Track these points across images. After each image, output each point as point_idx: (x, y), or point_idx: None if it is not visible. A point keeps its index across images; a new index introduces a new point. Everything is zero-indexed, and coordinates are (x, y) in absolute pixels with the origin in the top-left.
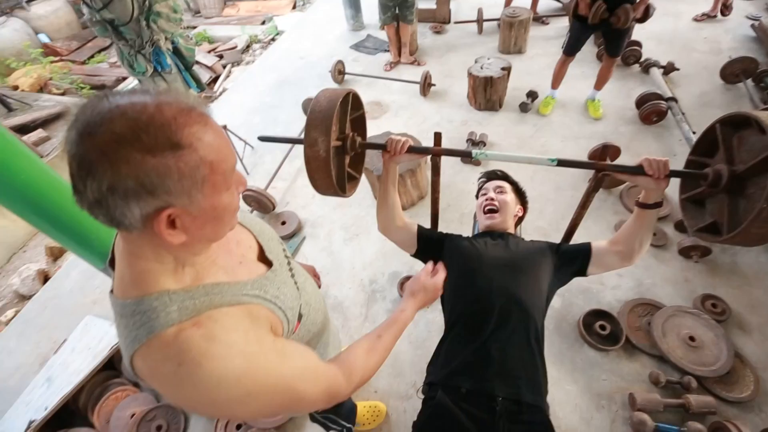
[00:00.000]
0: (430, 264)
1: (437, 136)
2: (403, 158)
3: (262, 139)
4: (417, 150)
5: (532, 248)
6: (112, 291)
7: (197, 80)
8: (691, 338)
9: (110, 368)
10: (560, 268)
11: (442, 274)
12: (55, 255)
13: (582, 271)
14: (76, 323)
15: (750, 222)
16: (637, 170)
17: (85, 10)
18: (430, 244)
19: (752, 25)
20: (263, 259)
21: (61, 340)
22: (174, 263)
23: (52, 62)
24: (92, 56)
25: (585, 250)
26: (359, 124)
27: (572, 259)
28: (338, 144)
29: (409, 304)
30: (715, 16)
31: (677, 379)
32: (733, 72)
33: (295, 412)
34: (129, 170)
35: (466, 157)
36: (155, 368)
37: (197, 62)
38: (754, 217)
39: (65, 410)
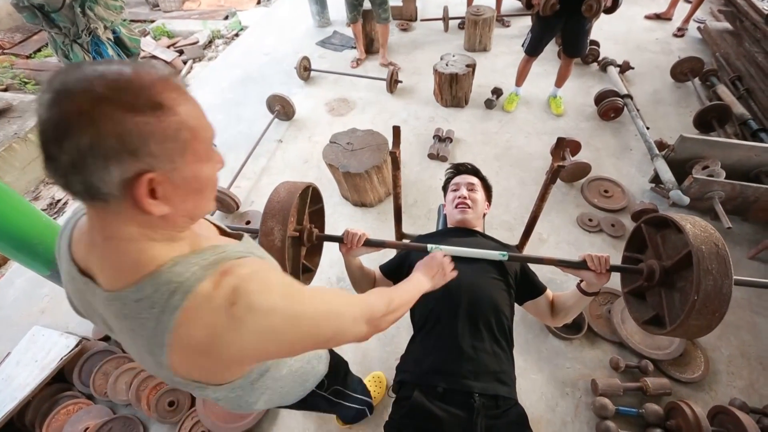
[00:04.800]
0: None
1: (396, 130)
2: (360, 251)
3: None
4: (374, 243)
5: (499, 247)
6: (106, 290)
7: None
8: None
9: (60, 380)
10: (516, 283)
11: (450, 265)
12: None
13: (520, 301)
14: (22, 335)
15: (686, 315)
16: (581, 265)
17: None
18: (399, 271)
19: (698, 28)
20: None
21: (4, 354)
22: (164, 239)
23: None
24: (39, 50)
25: (537, 291)
26: (318, 217)
27: (525, 286)
28: (295, 235)
29: (421, 274)
30: (669, 19)
31: (635, 364)
32: (682, 71)
33: (343, 335)
34: (111, 128)
35: (420, 251)
36: (205, 325)
37: (155, 57)
38: (689, 309)
39: (10, 428)
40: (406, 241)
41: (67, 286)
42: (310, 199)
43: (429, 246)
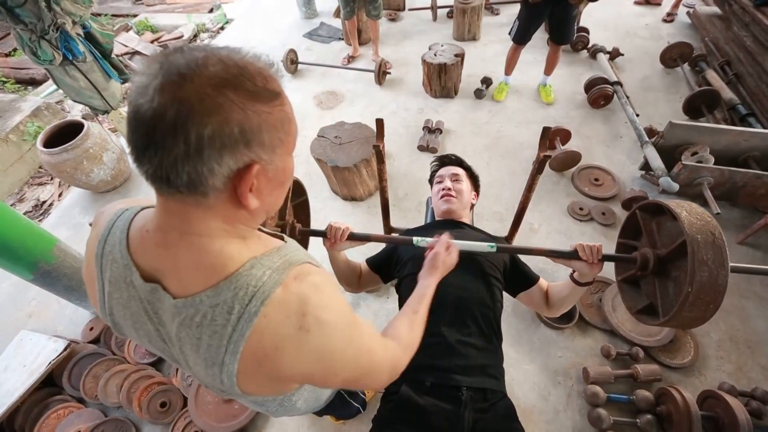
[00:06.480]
0: (445, 236)
1: (379, 123)
2: (344, 245)
3: None
4: (358, 237)
5: (487, 239)
6: (177, 297)
7: (119, 69)
8: None
9: (50, 385)
10: (506, 277)
11: (455, 251)
12: None
13: (512, 293)
14: (9, 340)
15: (680, 306)
16: (572, 255)
17: None
18: (387, 266)
19: (688, 13)
20: None
21: None
22: (238, 237)
23: None
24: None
25: (529, 282)
26: (302, 210)
27: (517, 278)
28: (276, 230)
29: (432, 280)
30: (658, 4)
31: (626, 351)
32: (672, 57)
33: (370, 378)
34: (236, 115)
35: (407, 244)
36: (278, 333)
37: (138, 53)
38: (682, 301)
39: None
40: (393, 235)
41: (113, 296)
42: (292, 191)
43: (414, 239)
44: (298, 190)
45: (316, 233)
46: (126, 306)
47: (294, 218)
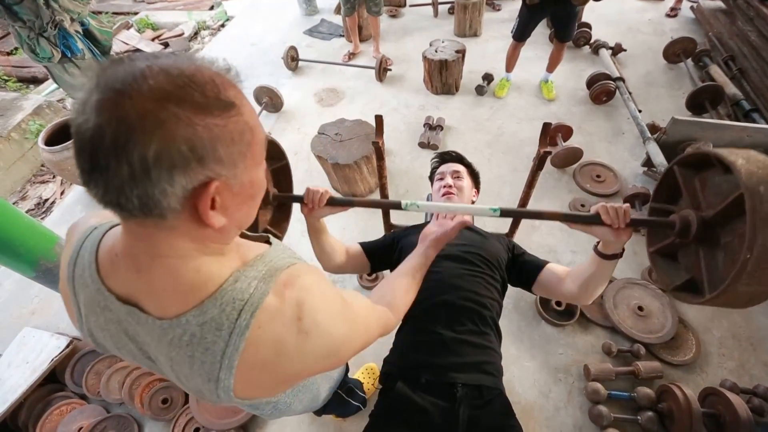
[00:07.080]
0: (468, 218)
1: (378, 120)
2: (324, 211)
3: None
4: (338, 202)
5: (485, 240)
6: (161, 318)
7: None
8: (640, 308)
9: (53, 381)
10: (511, 272)
11: (456, 219)
12: None
13: (527, 287)
14: (12, 337)
15: (734, 278)
16: (593, 219)
17: None
18: (383, 254)
19: (691, 7)
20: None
21: None
22: (213, 254)
23: None
24: None
25: (537, 269)
26: (283, 177)
27: (521, 269)
28: None
29: (434, 252)
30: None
31: (627, 348)
32: (675, 52)
33: (364, 346)
34: (182, 132)
35: (395, 209)
36: (274, 340)
37: (139, 51)
38: (738, 271)
39: (3, 430)
40: (394, 229)
41: (89, 319)
42: (270, 155)
43: (403, 202)
44: (276, 154)
45: (292, 198)
46: (104, 329)
47: (271, 183)
